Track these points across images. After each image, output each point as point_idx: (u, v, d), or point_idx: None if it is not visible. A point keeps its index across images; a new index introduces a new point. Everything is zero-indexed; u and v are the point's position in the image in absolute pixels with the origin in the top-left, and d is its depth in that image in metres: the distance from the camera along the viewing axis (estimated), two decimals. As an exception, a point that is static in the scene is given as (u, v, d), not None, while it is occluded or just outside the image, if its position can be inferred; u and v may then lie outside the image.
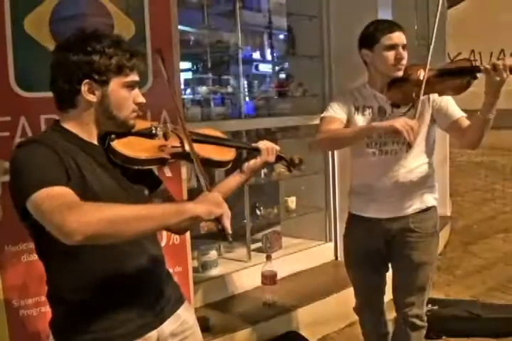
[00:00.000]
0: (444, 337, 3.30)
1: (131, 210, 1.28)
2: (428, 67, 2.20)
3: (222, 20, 4.44)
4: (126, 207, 1.29)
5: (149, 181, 1.64)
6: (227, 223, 1.39)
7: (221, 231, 1.40)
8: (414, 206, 2.40)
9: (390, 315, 2.65)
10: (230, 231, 1.39)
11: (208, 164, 1.65)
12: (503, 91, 2.08)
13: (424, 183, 2.42)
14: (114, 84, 1.44)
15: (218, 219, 1.38)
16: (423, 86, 2.18)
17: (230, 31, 3.90)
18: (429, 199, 2.45)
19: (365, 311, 2.66)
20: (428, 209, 2.44)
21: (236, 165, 1.73)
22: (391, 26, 2.32)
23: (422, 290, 2.46)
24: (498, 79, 2.01)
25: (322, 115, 2.46)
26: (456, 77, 2.17)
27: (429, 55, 2.24)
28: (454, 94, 2.24)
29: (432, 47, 2.25)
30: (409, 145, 2.17)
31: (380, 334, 2.67)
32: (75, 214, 1.19)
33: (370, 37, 2.32)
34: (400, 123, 2.11)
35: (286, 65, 5.15)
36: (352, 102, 2.42)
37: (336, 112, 2.40)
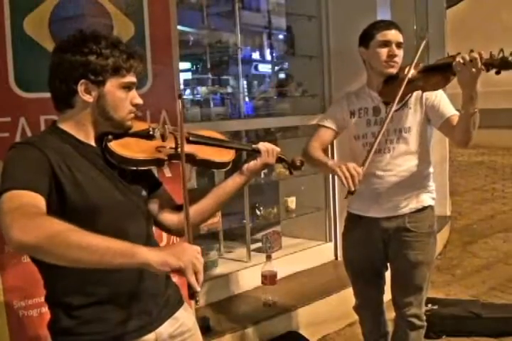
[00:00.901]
0: (444, 337, 3.30)
1: (79, 236, 1.19)
2: (413, 64, 2.25)
3: (222, 20, 4.44)
4: (76, 232, 1.19)
5: (148, 182, 1.63)
6: (191, 279, 1.23)
7: (188, 287, 1.24)
8: (411, 205, 2.41)
9: (390, 314, 2.65)
10: (197, 289, 1.24)
11: (207, 165, 1.65)
12: (502, 91, 2.08)
13: (420, 182, 2.43)
14: (111, 85, 1.45)
15: (181, 273, 1.23)
16: (404, 82, 2.21)
17: (230, 31, 3.90)
18: (426, 199, 2.45)
19: (364, 310, 2.67)
20: (424, 208, 2.44)
21: (236, 166, 1.71)
22: (388, 25, 2.37)
23: (419, 289, 2.46)
24: (468, 72, 1.98)
25: (318, 122, 2.56)
26: (435, 72, 2.20)
27: (417, 55, 2.27)
28: (434, 89, 2.27)
29: (420, 49, 2.28)
30: (349, 192, 2.11)
31: (379, 334, 2.67)
32: (22, 222, 1.18)
33: (367, 34, 2.37)
34: (341, 168, 2.11)
35: (285, 65, 5.15)
36: (347, 108, 2.48)
37: (329, 122, 2.50)
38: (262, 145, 1.71)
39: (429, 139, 2.45)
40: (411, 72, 2.24)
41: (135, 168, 1.50)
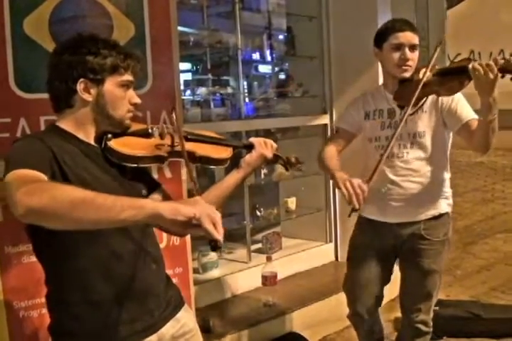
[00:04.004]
0: (444, 338, 3.29)
1: (83, 194, 1.18)
2: (429, 67, 2.19)
3: (222, 21, 4.44)
4: (80, 190, 1.19)
5: (147, 182, 1.66)
6: (208, 226, 1.19)
7: (209, 240, 1.19)
8: (427, 212, 2.36)
9: (390, 316, 2.63)
10: (217, 237, 1.19)
11: (206, 162, 1.68)
12: (503, 92, 2.06)
13: (436, 188, 2.37)
14: (109, 83, 1.48)
15: (197, 224, 1.19)
16: (419, 86, 2.16)
17: (230, 32, 3.89)
18: (443, 206, 2.39)
19: (358, 319, 2.58)
20: (441, 215, 2.38)
21: (235, 164, 1.76)
22: (401, 25, 2.27)
23: (429, 296, 2.44)
24: (485, 79, 1.94)
25: (335, 124, 2.57)
26: (450, 76, 2.15)
27: (434, 58, 2.21)
28: (449, 94, 2.22)
29: (438, 49, 2.21)
30: (353, 210, 2.06)
31: (374, 340, 2.63)
32: (24, 187, 1.19)
33: (381, 35, 2.31)
34: (346, 185, 2.06)
35: (285, 65, 5.15)
36: (363, 109, 2.43)
37: (346, 124, 2.47)
38: (253, 139, 1.77)
39: (447, 143, 2.39)
40: (426, 76, 2.17)
41: (136, 165, 1.52)
